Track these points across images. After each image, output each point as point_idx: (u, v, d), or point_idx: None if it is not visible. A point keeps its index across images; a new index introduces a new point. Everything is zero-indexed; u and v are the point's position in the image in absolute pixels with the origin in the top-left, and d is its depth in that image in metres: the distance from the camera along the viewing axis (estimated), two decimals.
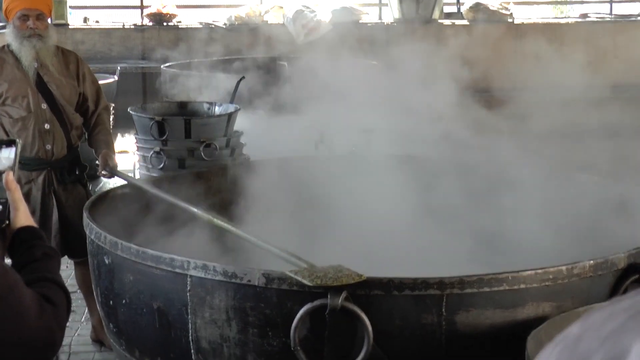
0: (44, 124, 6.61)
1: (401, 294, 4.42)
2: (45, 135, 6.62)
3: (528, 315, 4.47)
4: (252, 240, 5.03)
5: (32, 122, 6.61)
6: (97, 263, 5.27)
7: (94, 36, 15.45)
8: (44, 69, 6.64)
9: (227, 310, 4.55)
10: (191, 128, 7.75)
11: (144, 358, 5.00)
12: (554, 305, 4.51)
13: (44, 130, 6.62)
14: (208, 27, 17.66)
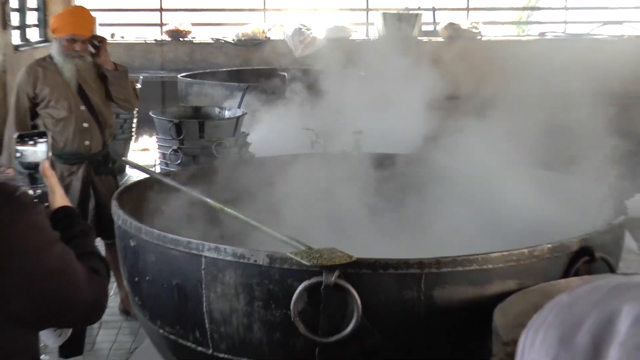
0: (83, 123, 6.68)
1: (386, 272, 4.43)
2: (84, 133, 6.68)
3: (495, 290, 4.47)
4: (257, 226, 5.03)
5: (72, 121, 6.67)
6: (124, 245, 5.28)
7: (119, 49, 15.39)
8: (82, 78, 6.66)
9: (236, 286, 4.55)
10: (204, 129, 7.76)
11: (164, 327, 5.01)
12: (517, 282, 4.52)
13: (83, 129, 6.68)
14: (219, 42, 17.65)
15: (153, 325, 5.14)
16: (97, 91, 6.78)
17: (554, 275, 4.65)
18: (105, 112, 6.82)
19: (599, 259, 4.79)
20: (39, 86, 6.66)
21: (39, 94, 6.66)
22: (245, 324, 4.59)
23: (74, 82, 6.67)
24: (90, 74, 6.76)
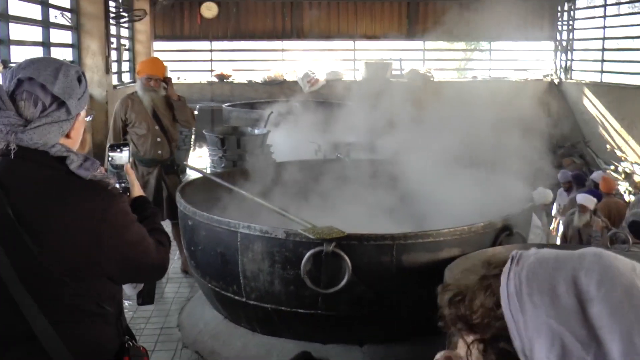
0: (157, 138, 6.68)
1: (368, 243, 4.45)
2: (158, 145, 6.67)
3: (445, 256, 4.49)
4: (278, 210, 5.02)
5: (150, 137, 6.65)
6: (184, 224, 5.25)
7: (182, 87, 15.25)
8: (156, 106, 6.65)
9: (262, 253, 4.52)
10: (241, 143, 7.77)
11: (212, 282, 4.96)
12: (460, 250, 4.55)
13: (157, 142, 6.68)
14: (251, 82, 17.58)
15: (204, 281, 5.11)
16: (167, 116, 6.73)
17: (485, 245, 4.65)
18: (172, 130, 6.79)
19: (515, 233, 4.83)
20: (128, 112, 6.67)
21: (128, 118, 6.67)
22: (269, 280, 4.56)
23: (150, 108, 6.65)
24: (161, 103, 6.72)
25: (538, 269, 0.89)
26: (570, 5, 18.97)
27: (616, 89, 16.35)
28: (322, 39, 18.21)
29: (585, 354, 0.80)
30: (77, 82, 2.11)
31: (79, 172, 2.06)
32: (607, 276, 0.85)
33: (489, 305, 0.92)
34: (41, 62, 2.10)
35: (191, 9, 17.95)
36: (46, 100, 2.03)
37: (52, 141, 2.06)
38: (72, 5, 11.73)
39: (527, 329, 0.85)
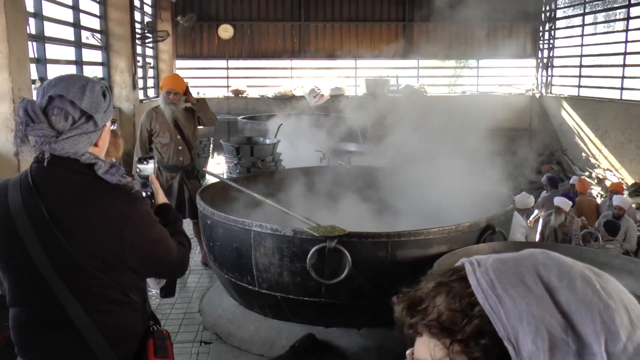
0: (178, 146, 6.67)
1: (367, 240, 4.47)
2: (179, 153, 6.67)
3: (434, 252, 4.50)
4: (286, 211, 5.05)
5: (172, 145, 6.66)
6: (204, 223, 5.30)
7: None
8: (176, 118, 6.68)
9: (272, 248, 4.57)
10: (254, 151, 7.79)
11: (228, 273, 5.02)
12: (448, 247, 4.55)
13: (178, 150, 6.67)
14: (263, 97, 17.68)
15: (221, 272, 5.16)
16: (187, 126, 6.74)
17: (471, 242, 4.69)
18: (192, 140, 6.78)
19: (498, 232, 4.86)
20: (153, 123, 6.68)
21: (153, 129, 6.68)
22: (278, 272, 4.62)
23: (171, 119, 6.66)
24: (181, 115, 6.72)
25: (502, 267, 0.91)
26: (551, 26, 19.04)
27: (592, 102, 16.41)
28: (327, 57, 18.34)
29: (565, 336, 0.83)
30: (102, 96, 2.17)
31: (105, 177, 2.14)
32: (563, 269, 0.89)
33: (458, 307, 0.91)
34: (69, 80, 2.13)
35: (209, 30, 18.08)
36: (75, 114, 2.09)
37: (82, 150, 2.13)
38: (102, 27, 11.88)
39: (509, 318, 0.85)
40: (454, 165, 6.95)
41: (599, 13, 16.83)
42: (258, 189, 5.99)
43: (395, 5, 18.46)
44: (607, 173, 14.88)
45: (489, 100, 17.42)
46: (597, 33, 17.13)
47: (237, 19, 18.09)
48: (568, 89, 18.28)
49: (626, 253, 7.68)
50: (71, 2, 10.62)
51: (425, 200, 6.16)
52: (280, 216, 5.20)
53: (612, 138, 15.18)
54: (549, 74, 19.21)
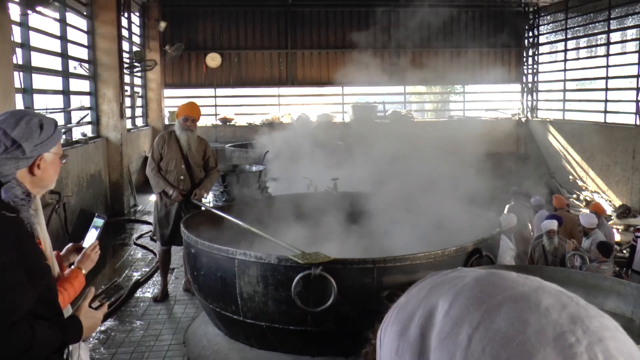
0: (180, 175, 6.63)
1: (352, 266, 4.41)
2: (180, 181, 6.62)
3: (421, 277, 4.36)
4: (270, 238, 5.00)
5: (175, 173, 6.63)
6: (188, 252, 5.24)
7: None
8: (189, 147, 6.69)
9: (257, 276, 4.49)
10: (240, 178, 7.73)
11: (213, 303, 4.93)
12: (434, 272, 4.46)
13: (180, 179, 6.62)
14: (251, 125, 17.67)
15: (205, 302, 5.07)
16: (196, 156, 6.73)
17: (457, 267, 4.59)
18: (197, 170, 6.73)
19: (485, 256, 4.83)
20: (164, 147, 6.70)
21: (162, 152, 6.70)
22: (263, 301, 4.53)
23: (186, 146, 6.68)
24: (194, 143, 6.74)
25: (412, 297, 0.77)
26: (535, 51, 19.21)
27: (577, 125, 16.50)
28: (314, 85, 18.41)
29: None
30: (39, 129, 2.32)
31: (2, 193, 2.25)
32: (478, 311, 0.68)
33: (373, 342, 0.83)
34: (12, 114, 2.33)
35: (197, 59, 18.12)
36: (7, 142, 2.27)
37: (6, 172, 2.27)
38: (90, 56, 11.86)
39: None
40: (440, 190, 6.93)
41: (580, 39, 17.01)
42: (244, 216, 5.92)
43: (381, 32, 18.58)
44: (594, 195, 14.91)
45: (476, 125, 17.49)
46: (580, 58, 17.31)
47: (224, 47, 18.16)
48: (553, 113, 18.40)
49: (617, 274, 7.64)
50: (59, 33, 10.61)
51: (411, 225, 6.10)
52: (265, 244, 5.13)
53: (598, 160, 15.24)
54: (534, 98, 19.35)
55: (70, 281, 2.71)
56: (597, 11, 15.99)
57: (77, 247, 2.97)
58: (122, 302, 6.64)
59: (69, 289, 2.67)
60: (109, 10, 11.96)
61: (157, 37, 17.12)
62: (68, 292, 2.66)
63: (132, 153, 13.92)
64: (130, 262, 8.41)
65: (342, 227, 6.40)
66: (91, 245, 2.88)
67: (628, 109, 14.80)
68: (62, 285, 2.66)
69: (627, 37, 15.19)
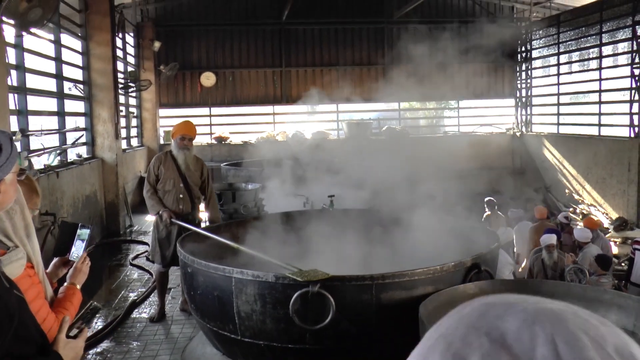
0: (179, 194, 6.60)
1: (350, 283, 4.38)
2: (180, 201, 6.59)
3: (419, 293, 4.42)
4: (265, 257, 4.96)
5: (174, 193, 6.60)
6: (184, 271, 5.18)
7: None
8: (186, 166, 6.66)
9: (254, 295, 4.45)
10: (236, 197, 7.69)
11: (210, 322, 4.88)
12: (433, 287, 4.47)
13: (179, 198, 6.59)
14: (246, 143, 17.66)
15: (203, 321, 5.02)
16: (194, 175, 6.71)
17: (456, 282, 4.60)
18: (195, 189, 6.72)
19: (484, 271, 4.80)
20: (161, 167, 6.66)
21: (159, 173, 6.66)
22: (261, 319, 4.49)
23: (184, 165, 6.65)
24: (192, 162, 6.73)
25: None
26: (527, 66, 19.30)
27: (572, 139, 16.55)
28: (308, 102, 18.48)
29: None
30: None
31: None
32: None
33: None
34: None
35: (192, 78, 18.16)
36: None
37: None
38: (85, 77, 11.86)
39: None
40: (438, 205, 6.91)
41: (573, 52, 17.10)
42: (239, 234, 5.89)
43: (375, 49, 18.67)
44: (591, 208, 14.91)
45: (471, 140, 17.54)
46: (573, 72, 17.40)
47: (219, 66, 18.21)
48: (548, 127, 18.46)
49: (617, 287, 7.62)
50: (54, 54, 10.62)
51: (409, 241, 6.08)
52: (262, 262, 5.09)
53: (593, 174, 15.25)
54: (528, 113, 19.42)
55: (70, 299, 2.66)
56: (588, 25, 16.10)
57: (64, 261, 2.89)
58: (118, 323, 6.57)
59: (69, 307, 2.62)
60: (104, 31, 11.98)
61: (152, 57, 17.16)
62: (69, 310, 2.61)
63: (128, 173, 13.88)
64: (127, 282, 8.34)
65: (339, 244, 6.36)
66: (81, 258, 2.81)
67: (622, 121, 14.85)
68: (62, 305, 2.62)
69: (619, 51, 15.29)
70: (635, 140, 13.67)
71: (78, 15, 11.79)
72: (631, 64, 14.02)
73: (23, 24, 7.42)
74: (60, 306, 2.60)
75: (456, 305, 1.47)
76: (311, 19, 18.29)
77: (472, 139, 17.86)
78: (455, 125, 20.02)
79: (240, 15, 18.06)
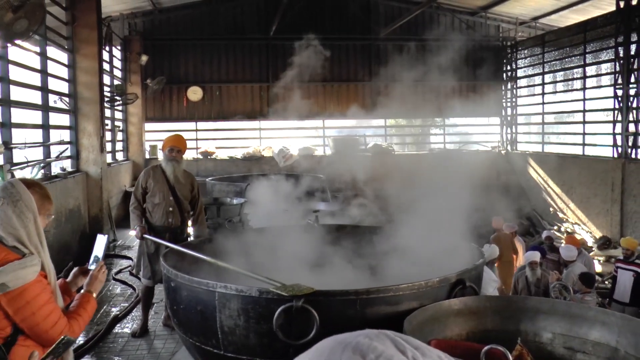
0: (169, 207, 6.57)
1: (334, 298, 4.36)
2: (169, 214, 6.56)
3: (404, 308, 4.39)
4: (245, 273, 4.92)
5: (163, 206, 6.57)
6: (167, 285, 5.13)
7: None
8: (175, 179, 6.63)
9: (238, 309, 4.42)
10: (220, 211, 7.66)
11: (193, 337, 4.84)
12: (418, 303, 4.44)
13: (168, 211, 6.56)
14: (232, 158, 17.64)
15: (185, 336, 4.98)
16: (184, 188, 6.69)
17: (441, 298, 4.58)
18: (185, 202, 6.70)
19: (468, 286, 4.77)
20: (149, 181, 6.63)
21: (148, 187, 6.63)
22: (245, 334, 4.45)
23: (172, 177, 6.62)
24: (181, 174, 6.69)
25: None
26: (513, 85, 19.49)
27: (556, 158, 16.68)
28: (295, 118, 18.51)
29: None
30: None
31: None
32: None
33: None
34: None
35: (179, 92, 18.15)
36: None
37: None
38: (70, 90, 11.81)
39: None
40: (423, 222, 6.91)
41: (557, 72, 17.29)
42: (222, 249, 5.85)
43: (362, 65, 18.77)
44: (575, 227, 15.00)
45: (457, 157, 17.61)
46: (557, 91, 17.59)
47: (206, 81, 18.23)
48: (533, 146, 18.61)
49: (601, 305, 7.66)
50: (39, 66, 10.58)
51: (394, 256, 6.07)
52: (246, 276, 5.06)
53: (577, 193, 15.37)
54: (513, 131, 19.57)
55: (84, 306, 2.76)
56: (572, 45, 16.30)
57: (83, 270, 3.00)
58: (100, 338, 6.50)
59: (82, 314, 2.73)
60: (91, 44, 11.95)
61: (139, 71, 17.15)
62: (83, 317, 2.72)
63: (113, 187, 13.80)
64: (109, 297, 8.26)
65: (322, 258, 6.34)
66: (97, 266, 2.91)
67: (606, 141, 15.01)
68: (76, 311, 2.72)
69: (602, 71, 15.48)
70: (619, 161, 13.81)
71: (65, 27, 11.76)
72: (614, 84, 14.20)
73: (8, 35, 7.39)
74: (74, 312, 2.71)
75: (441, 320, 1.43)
76: (298, 34, 18.37)
77: (457, 156, 17.94)
78: (441, 143, 20.13)
79: (228, 30, 18.11)
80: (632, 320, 4.16)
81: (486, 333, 4.45)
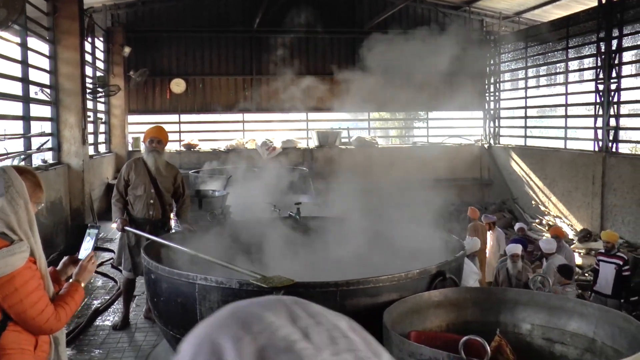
0: (150, 200, 6.51)
1: (315, 290, 4.37)
2: (150, 206, 6.52)
3: (384, 300, 4.41)
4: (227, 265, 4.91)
5: (144, 198, 6.52)
6: (148, 278, 5.12)
7: None
8: (157, 170, 6.59)
9: (218, 301, 4.41)
10: (202, 204, 7.64)
11: (173, 329, 4.83)
12: (398, 294, 4.47)
13: (149, 204, 6.52)
14: (215, 151, 17.56)
15: (166, 329, 4.96)
16: (166, 180, 6.63)
17: (421, 289, 4.60)
18: (167, 195, 6.63)
19: (448, 278, 4.80)
20: (131, 173, 6.58)
21: (130, 179, 6.57)
22: None
23: (154, 169, 6.57)
24: (163, 166, 6.65)
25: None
26: (496, 79, 19.56)
27: (538, 152, 16.79)
28: (279, 110, 18.46)
29: None
30: None
31: None
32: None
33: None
34: None
35: (162, 85, 18.03)
36: None
37: None
38: (52, 82, 11.69)
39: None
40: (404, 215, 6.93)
41: (540, 67, 17.39)
42: (206, 241, 5.82)
43: (345, 58, 18.74)
44: (557, 220, 15.12)
45: (440, 150, 17.68)
46: (540, 85, 17.68)
47: (189, 73, 18.12)
48: (515, 139, 18.70)
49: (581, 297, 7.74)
50: (20, 57, 10.46)
51: (375, 248, 6.09)
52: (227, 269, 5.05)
53: (559, 186, 15.49)
54: (496, 125, 19.65)
55: (71, 295, 2.78)
56: (555, 40, 16.38)
57: (73, 259, 3.04)
58: (80, 330, 6.45)
59: (70, 302, 2.75)
60: (72, 35, 11.83)
61: (122, 63, 17.00)
62: (70, 305, 2.74)
63: (94, 180, 13.69)
64: (90, 290, 8.21)
65: (305, 251, 6.34)
66: (87, 257, 2.94)
67: (587, 135, 15.12)
68: (64, 299, 2.74)
69: (584, 66, 15.59)
70: (599, 154, 13.92)
71: (46, 18, 11.63)
72: (595, 79, 14.30)
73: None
74: (61, 300, 2.74)
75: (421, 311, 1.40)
76: (283, 27, 18.31)
77: (440, 150, 18.00)
78: (424, 136, 20.17)
79: (212, 23, 18.00)
80: (609, 311, 4.21)
81: (466, 324, 4.47)
